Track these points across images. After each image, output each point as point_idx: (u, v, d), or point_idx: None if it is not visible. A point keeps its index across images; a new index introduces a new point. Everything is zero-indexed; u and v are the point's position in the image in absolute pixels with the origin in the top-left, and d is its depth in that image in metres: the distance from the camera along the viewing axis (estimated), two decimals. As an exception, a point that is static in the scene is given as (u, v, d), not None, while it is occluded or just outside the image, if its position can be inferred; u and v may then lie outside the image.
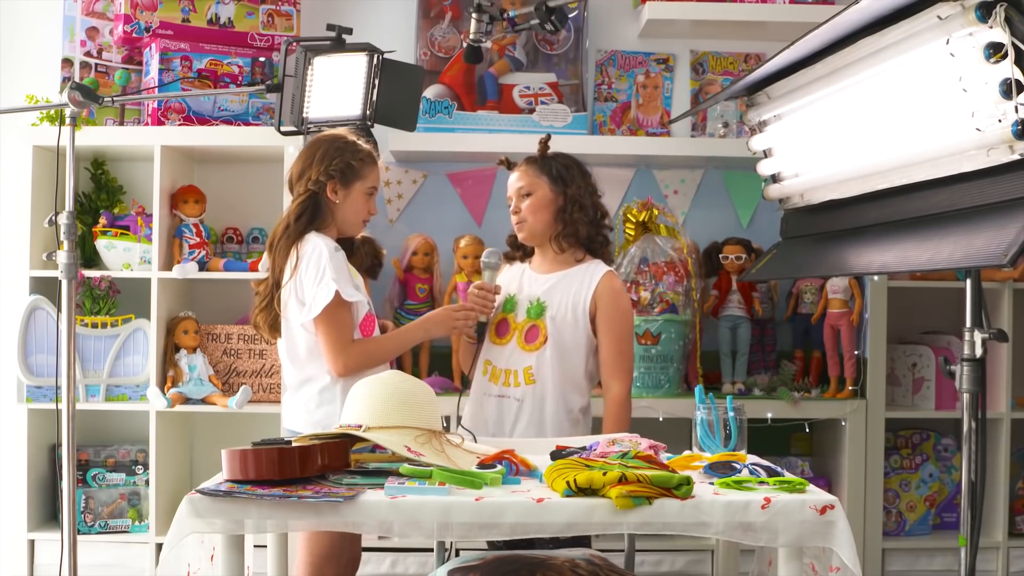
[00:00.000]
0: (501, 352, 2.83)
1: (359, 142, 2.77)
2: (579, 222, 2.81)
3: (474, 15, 3.08)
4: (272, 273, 2.72)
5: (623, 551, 2.61)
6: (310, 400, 2.71)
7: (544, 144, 2.90)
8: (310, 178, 2.70)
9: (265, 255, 2.78)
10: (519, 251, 2.94)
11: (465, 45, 3.21)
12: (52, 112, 3.43)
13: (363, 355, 2.67)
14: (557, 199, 2.82)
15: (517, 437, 2.73)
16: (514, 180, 2.87)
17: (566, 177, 2.82)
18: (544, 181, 2.82)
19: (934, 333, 3.79)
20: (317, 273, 2.61)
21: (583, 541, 2.72)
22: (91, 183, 3.72)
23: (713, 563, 3.52)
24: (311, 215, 2.70)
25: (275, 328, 2.73)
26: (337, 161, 2.70)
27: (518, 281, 2.89)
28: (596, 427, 2.91)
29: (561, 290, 2.81)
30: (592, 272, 2.81)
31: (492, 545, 2.67)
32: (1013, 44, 1.99)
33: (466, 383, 2.91)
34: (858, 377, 3.55)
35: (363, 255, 2.87)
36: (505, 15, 3.09)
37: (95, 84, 3.63)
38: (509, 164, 2.94)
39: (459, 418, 2.76)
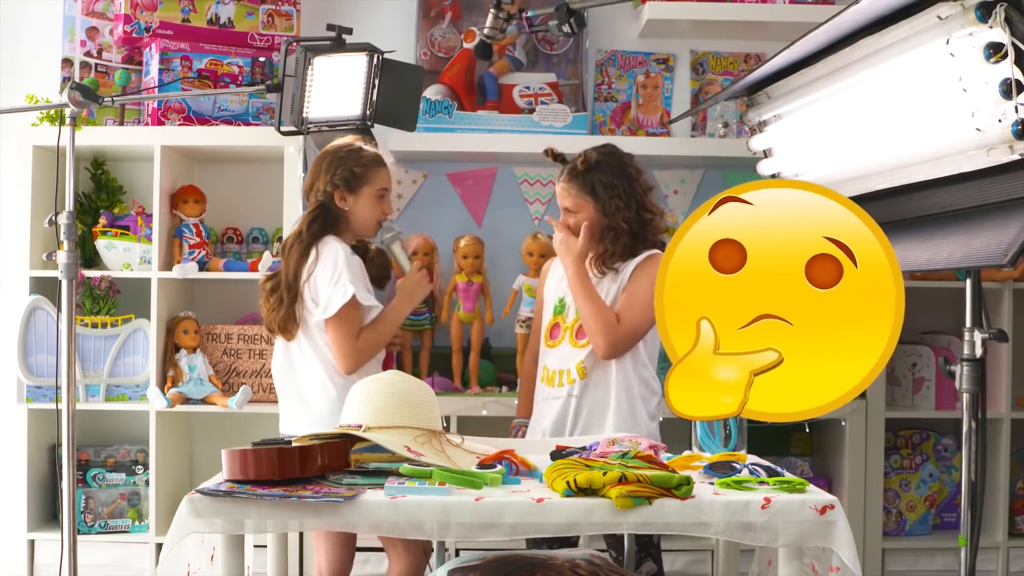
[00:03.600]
0: (556, 354, 2.83)
1: (365, 147, 2.83)
2: (615, 249, 2.77)
3: (492, 10, 3.05)
4: (285, 276, 2.77)
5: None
6: (314, 403, 2.77)
7: (584, 163, 2.78)
8: (318, 189, 2.80)
9: (281, 254, 2.86)
10: None
11: (477, 39, 3.17)
12: (52, 112, 3.43)
13: (367, 348, 2.75)
14: (601, 220, 2.78)
15: (579, 434, 2.72)
16: (560, 193, 2.83)
17: (607, 197, 2.76)
18: (588, 201, 2.78)
19: (934, 333, 3.79)
20: (333, 275, 2.69)
21: (571, 541, 2.74)
22: (91, 183, 3.72)
23: (713, 563, 3.52)
24: (322, 223, 2.78)
25: (285, 329, 2.78)
26: (341, 171, 2.79)
27: (566, 284, 2.86)
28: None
29: (607, 284, 2.80)
30: (636, 260, 2.78)
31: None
32: (1013, 44, 1.99)
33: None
34: (858, 377, 3.55)
35: (374, 267, 2.93)
36: (524, 14, 3.06)
37: (95, 84, 3.63)
38: (555, 156, 2.87)
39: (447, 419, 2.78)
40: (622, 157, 2.83)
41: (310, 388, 2.79)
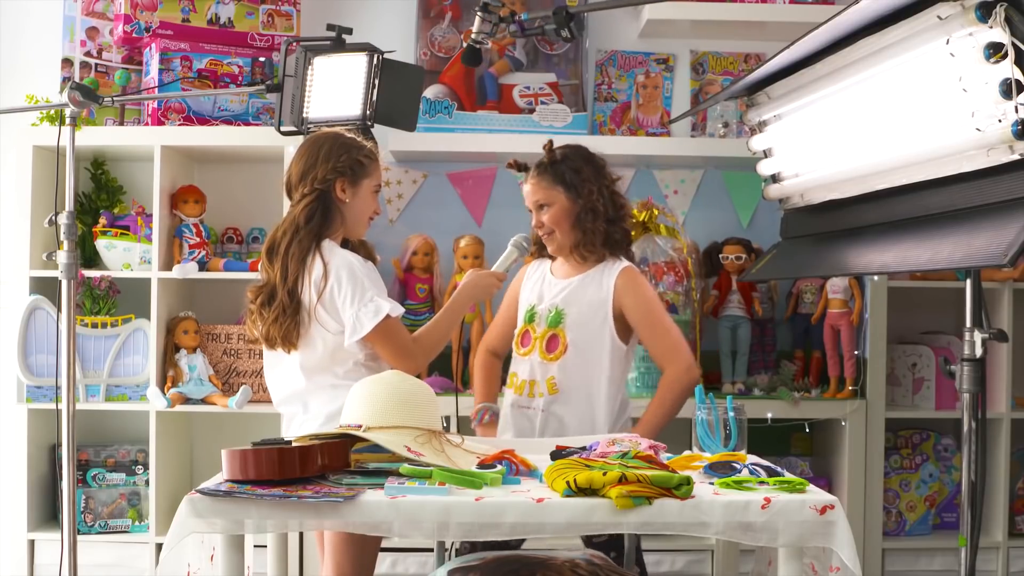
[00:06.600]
0: (525, 364, 2.82)
1: (360, 139, 2.69)
2: (595, 230, 2.77)
3: (479, 14, 2.92)
4: (283, 282, 2.53)
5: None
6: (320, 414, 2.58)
7: (549, 150, 2.84)
8: (316, 177, 2.57)
9: (265, 260, 2.60)
10: (545, 248, 2.91)
11: (465, 45, 3.14)
12: (52, 112, 3.43)
13: (427, 350, 2.63)
14: (574, 207, 2.78)
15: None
16: (529, 192, 2.83)
17: (578, 183, 2.78)
18: (559, 191, 2.78)
19: (934, 333, 3.79)
20: (354, 291, 2.50)
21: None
22: (91, 183, 3.72)
23: (713, 563, 3.52)
24: (321, 217, 2.57)
25: (287, 340, 2.54)
26: (345, 157, 2.60)
27: (539, 290, 2.87)
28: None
29: (578, 294, 2.79)
30: (609, 272, 2.79)
31: (473, 546, 2.58)
32: (1013, 44, 1.99)
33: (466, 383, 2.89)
34: (858, 377, 3.55)
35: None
36: (516, 17, 2.92)
37: (95, 84, 3.63)
38: (519, 167, 2.89)
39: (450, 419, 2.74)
40: (585, 149, 2.86)
41: (316, 400, 2.59)
